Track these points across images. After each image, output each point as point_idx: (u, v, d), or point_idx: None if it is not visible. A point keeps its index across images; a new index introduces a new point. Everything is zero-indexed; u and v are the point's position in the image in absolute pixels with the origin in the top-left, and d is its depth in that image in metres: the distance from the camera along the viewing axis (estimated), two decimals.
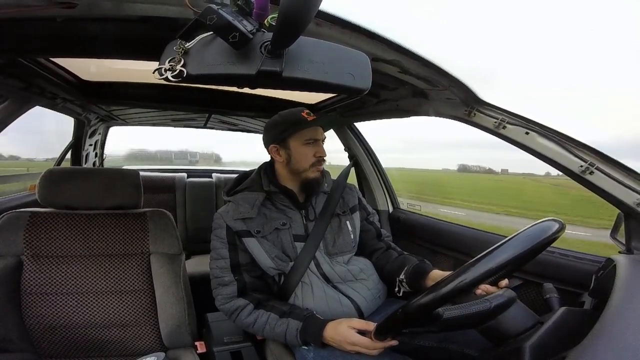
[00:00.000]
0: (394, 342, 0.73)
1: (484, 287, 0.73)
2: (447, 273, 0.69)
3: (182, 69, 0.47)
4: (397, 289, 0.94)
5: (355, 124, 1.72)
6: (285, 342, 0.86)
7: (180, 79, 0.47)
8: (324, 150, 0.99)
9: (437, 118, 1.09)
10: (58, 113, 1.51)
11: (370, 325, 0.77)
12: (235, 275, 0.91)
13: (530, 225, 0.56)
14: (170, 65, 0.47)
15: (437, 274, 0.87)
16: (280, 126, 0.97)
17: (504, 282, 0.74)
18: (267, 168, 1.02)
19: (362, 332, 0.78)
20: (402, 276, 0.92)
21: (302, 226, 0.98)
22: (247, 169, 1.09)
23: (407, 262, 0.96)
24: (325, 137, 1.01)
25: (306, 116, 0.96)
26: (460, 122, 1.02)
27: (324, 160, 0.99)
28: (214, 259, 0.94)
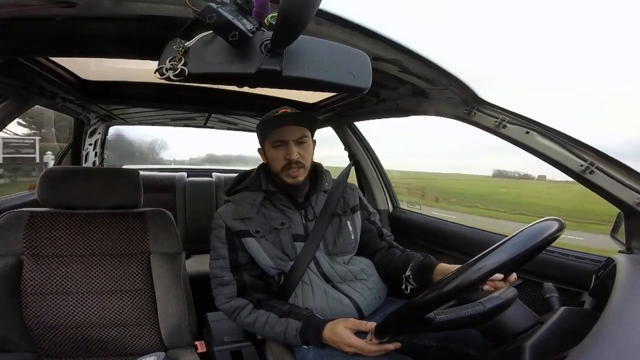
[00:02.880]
0: (391, 347, 0.73)
1: (492, 283, 0.68)
2: (455, 266, 0.67)
3: (184, 67, 0.47)
4: (403, 286, 0.91)
5: (356, 123, 1.72)
6: (285, 341, 0.86)
7: (181, 78, 0.47)
8: (294, 152, 0.89)
9: None
10: None
11: (365, 325, 0.77)
12: (235, 275, 0.91)
13: (531, 224, 0.56)
14: (171, 64, 0.47)
15: (443, 267, 0.83)
16: (259, 128, 0.99)
17: (513, 277, 0.69)
18: (266, 167, 1.01)
19: (361, 332, 0.78)
20: (408, 272, 0.89)
21: (301, 226, 0.97)
22: None
23: (412, 258, 0.94)
24: (302, 136, 0.92)
25: (277, 115, 0.92)
26: (461, 122, 1.02)
27: (296, 163, 0.90)
28: (213, 259, 0.94)
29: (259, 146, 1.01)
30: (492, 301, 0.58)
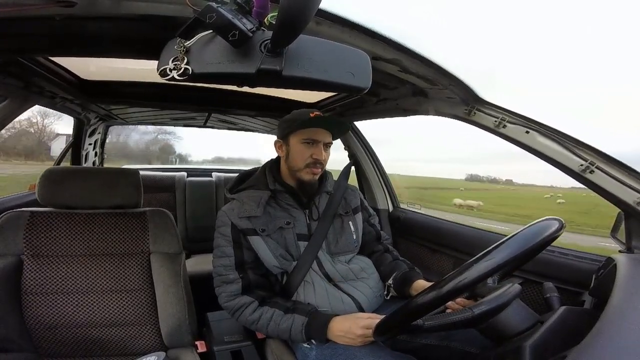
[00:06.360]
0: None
1: (452, 305, 0.76)
2: (429, 284, 0.70)
3: (187, 67, 0.47)
4: (385, 292, 1.00)
5: (356, 122, 1.72)
6: (290, 338, 0.86)
7: (186, 77, 0.47)
8: (322, 153, 0.96)
9: None
10: None
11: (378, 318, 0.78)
12: (240, 273, 0.91)
13: (530, 224, 0.56)
14: (174, 64, 0.47)
15: (420, 284, 0.91)
16: (287, 123, 0.99)
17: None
18: (272, 166, 1.02)
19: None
20: (390, 281, 0.99)
21: (305, 225, 0.98)
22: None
23: (397, 268, 1.02)
24: (330, 142, 0.99)
25: (315, 117, 0.95)
26: (461, 122, 1.02)
27: (320, 163, 0.96)
28: (217, 257, 0.93)
29: (277, 139, 1.02)
30: (480, 307, 0.57)
